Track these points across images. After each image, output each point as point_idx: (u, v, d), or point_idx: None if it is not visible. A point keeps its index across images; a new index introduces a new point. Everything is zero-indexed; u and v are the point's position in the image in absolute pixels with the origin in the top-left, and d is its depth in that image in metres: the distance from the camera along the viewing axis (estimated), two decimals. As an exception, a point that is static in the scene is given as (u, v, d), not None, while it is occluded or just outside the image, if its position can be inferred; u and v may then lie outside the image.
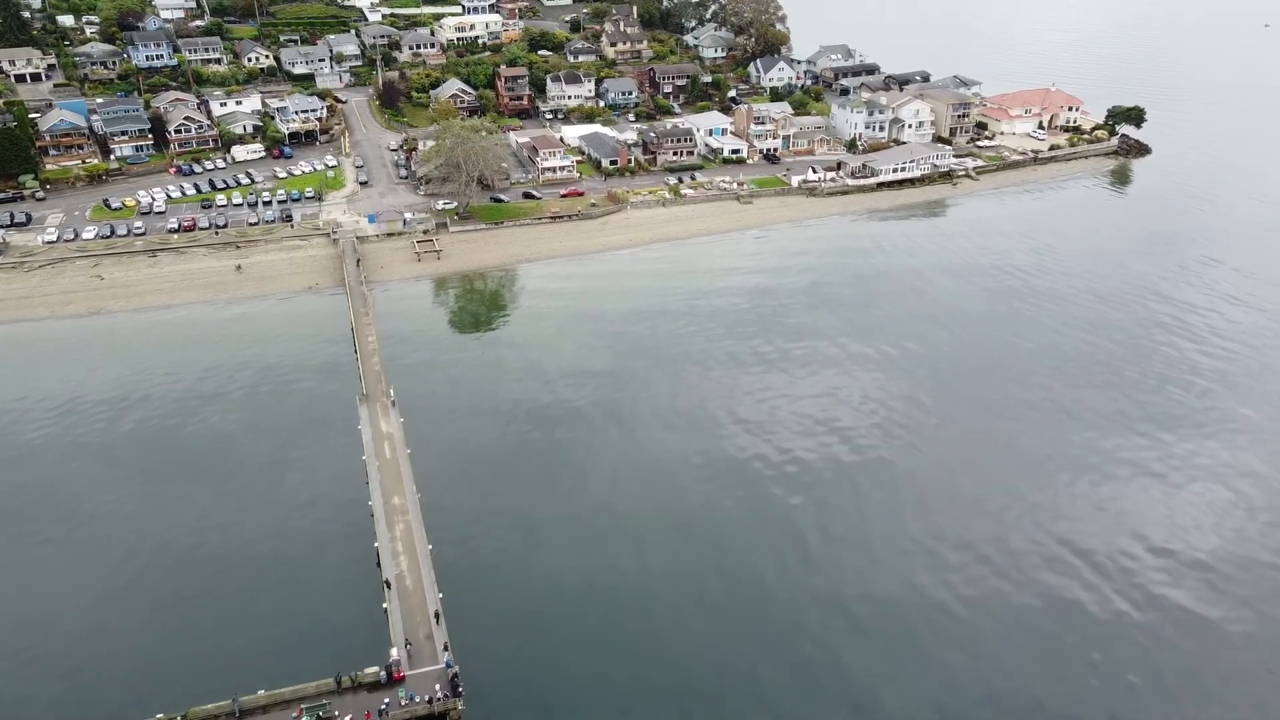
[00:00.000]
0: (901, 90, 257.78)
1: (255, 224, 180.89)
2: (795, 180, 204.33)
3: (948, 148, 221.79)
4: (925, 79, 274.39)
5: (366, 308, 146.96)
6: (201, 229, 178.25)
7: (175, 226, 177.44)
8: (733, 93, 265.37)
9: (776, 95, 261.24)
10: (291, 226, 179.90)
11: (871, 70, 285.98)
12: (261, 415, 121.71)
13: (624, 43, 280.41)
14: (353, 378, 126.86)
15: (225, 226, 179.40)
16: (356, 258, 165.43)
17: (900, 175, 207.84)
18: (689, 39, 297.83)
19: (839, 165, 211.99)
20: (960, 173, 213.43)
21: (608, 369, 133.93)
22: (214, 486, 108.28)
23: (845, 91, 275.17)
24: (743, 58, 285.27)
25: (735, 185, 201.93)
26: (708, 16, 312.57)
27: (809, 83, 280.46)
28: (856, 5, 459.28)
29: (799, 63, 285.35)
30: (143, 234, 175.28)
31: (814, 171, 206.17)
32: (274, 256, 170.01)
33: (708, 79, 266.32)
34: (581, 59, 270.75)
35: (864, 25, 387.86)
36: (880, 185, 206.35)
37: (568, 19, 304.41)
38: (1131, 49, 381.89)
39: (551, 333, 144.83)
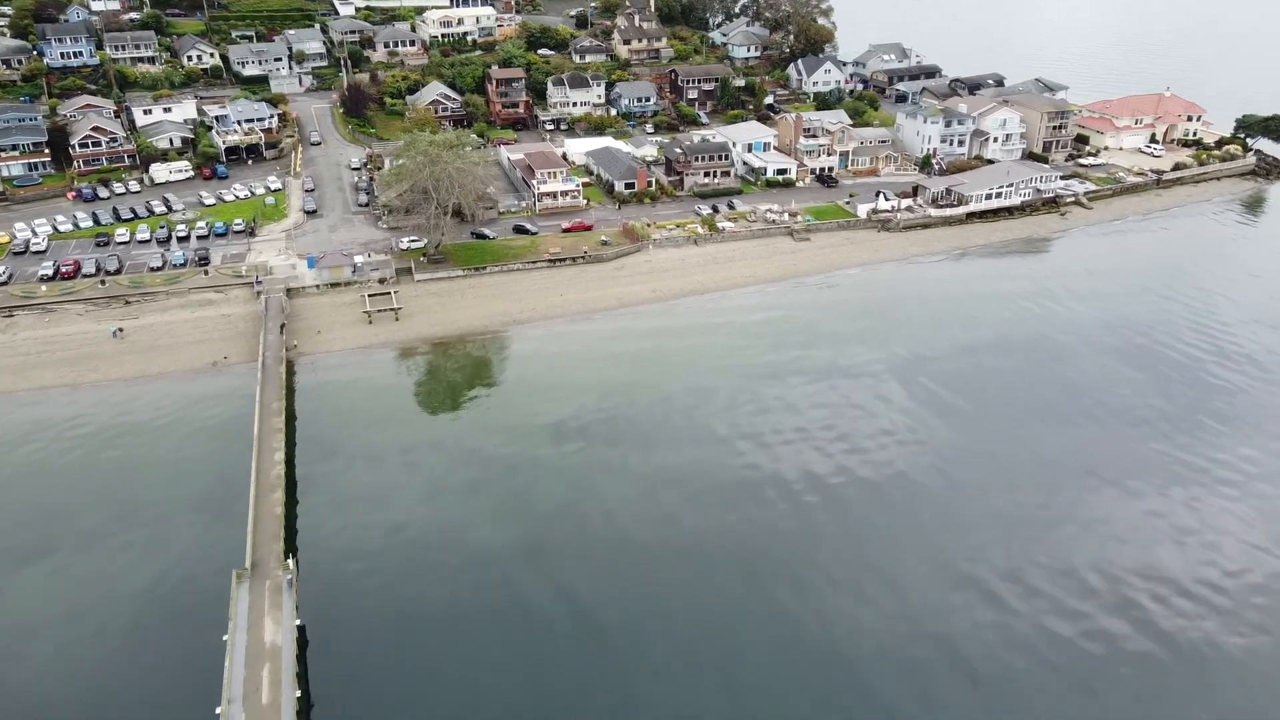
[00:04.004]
0: (972, 96, 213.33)
1: (159, 268, 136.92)
2: (862, 210, 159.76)
3: (1047, 168, 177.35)
4: (999, 83, 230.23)
5: (282, 400, 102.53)
6: (86, 275, 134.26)
7: (50, 272, 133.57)
8: (770, 99, 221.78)
9: (823, 102, 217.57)
10: (205, 273, 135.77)
11: (932, 73, 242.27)
12: (83, 602, 77.17)
13: (639, 40, 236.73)
14: (239, 529, 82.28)
15: (118, 272, 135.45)
16: (282, 320, 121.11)
17: (995, 203, 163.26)
18: (716, 36, 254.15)
19: (915, 190, 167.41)
20: (1069, 199, 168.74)
21: (640, 512, 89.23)
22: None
23: (902, 98, 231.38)
24: (780, 58, 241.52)
25: (786, 216, 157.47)
26: (736, 10, 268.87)
27: (858, 87, 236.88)
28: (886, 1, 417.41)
29: (845, 64, 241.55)
30: (4, 283, 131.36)
31: (885, 199, 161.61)
32: (173, 316, 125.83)
33: (740, 82, 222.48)
34: (589, 59, 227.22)
35: (895, 19, 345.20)
36: (969, 216, 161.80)
37: (573, 13, 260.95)
38: (1228, 47, 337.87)
39: (549, 445, 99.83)
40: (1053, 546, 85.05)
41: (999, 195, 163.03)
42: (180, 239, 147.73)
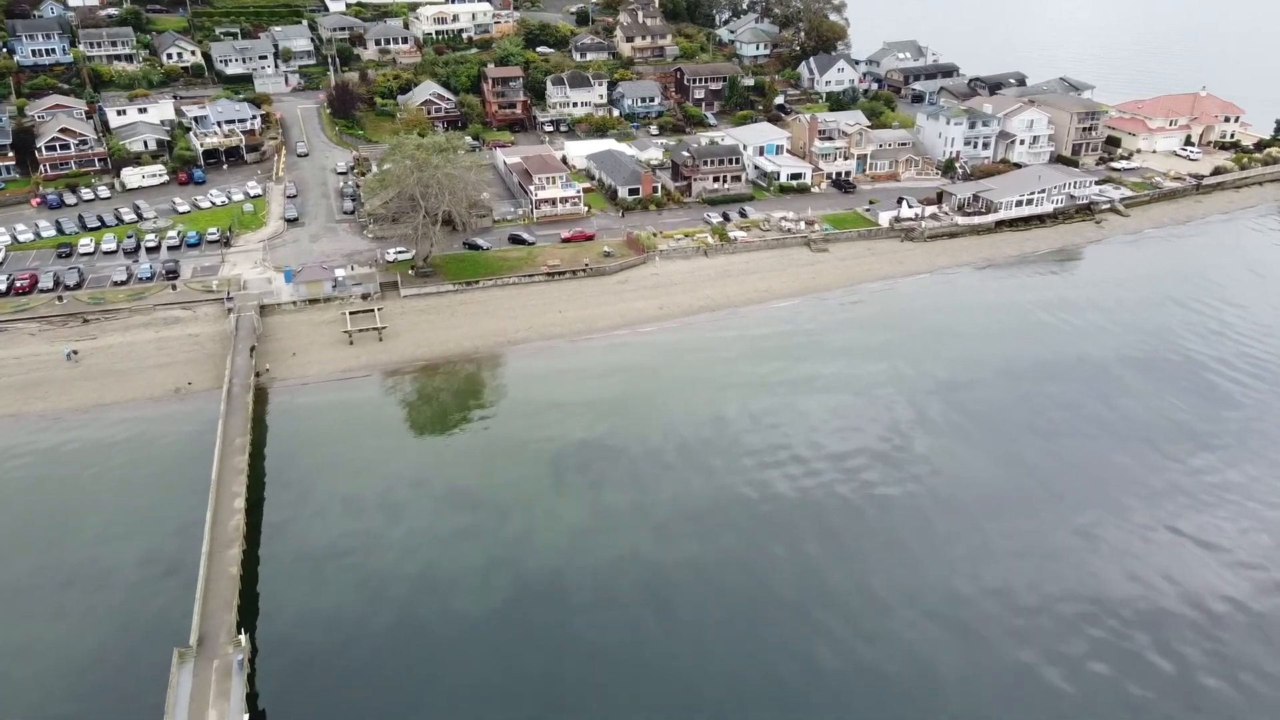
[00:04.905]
0: (993, 96, 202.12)
1: (124, 282, 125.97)
2: (884, 218, 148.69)
3: (1080, 172, 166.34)
4: (1021, 82, 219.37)
5: (246, 435, 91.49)
6: (43, 291, 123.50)
7: (2, 287, 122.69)
8: (780, 99, 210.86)
9: (836, 102, 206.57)
10: (174, 288, 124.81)
11: (949, 72, 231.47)
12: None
13: (643, 37, 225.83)
14: (189, 590, 71.26)
15: (78, 286, 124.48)
16: (252, 341, 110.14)
17: (1027, 211, 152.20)
18: (723, 33, 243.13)
19: (940, 196, 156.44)
20: (1104, 206, 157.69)
21: (644, 569, 78.27)
22: None
23: (919, 98, 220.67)
24: (790, 56, 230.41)
25: (802, 225, 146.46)
26: (744, 6, 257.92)
27: (872, 86, 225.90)
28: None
29: (859, 63, 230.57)
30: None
31: (908, 206, 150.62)
32: (135, 336, 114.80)
33: (749, 82, 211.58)
34: (591, 57, 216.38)
35: (899, 17, 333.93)
36: (999, 224, 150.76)
37: (574, 9, 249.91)
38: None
39: (545, 484, 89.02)
40: (1105, 607, 74.08)
41: (1030, 202, 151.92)
42: (149, 249, 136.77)
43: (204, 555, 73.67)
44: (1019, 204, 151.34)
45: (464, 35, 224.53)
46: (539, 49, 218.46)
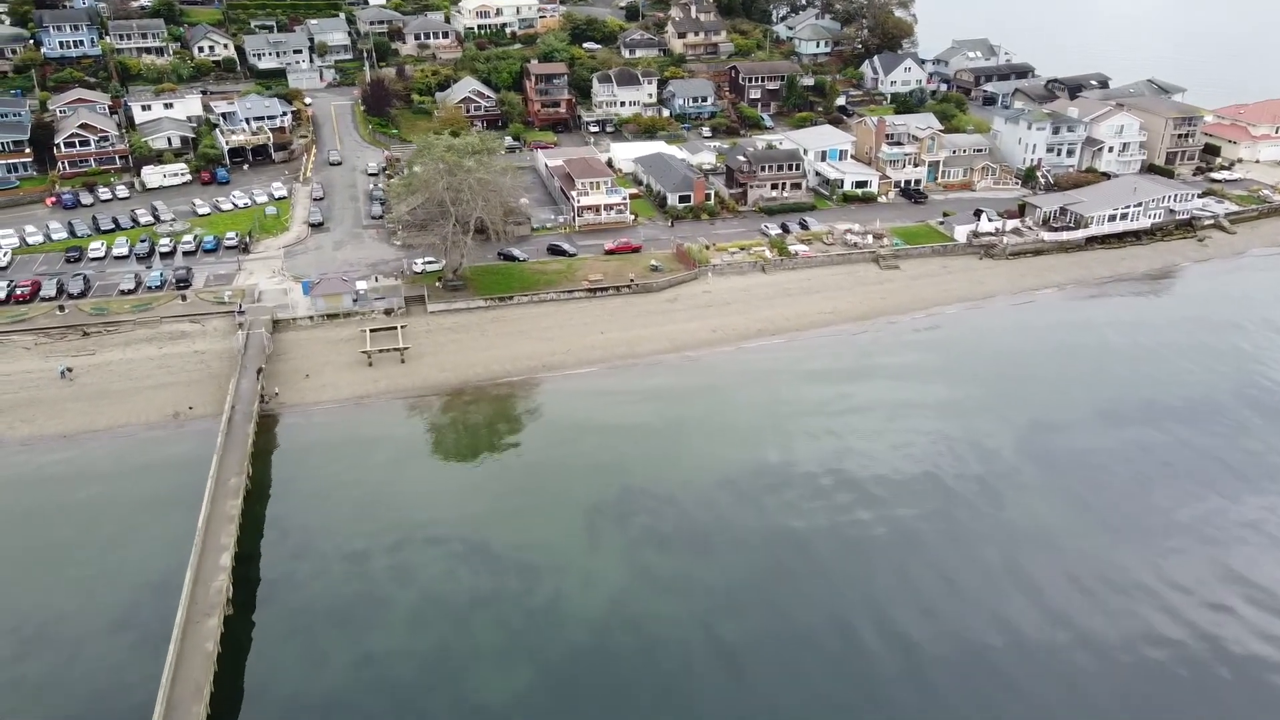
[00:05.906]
0: (1074, 99, 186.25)
1: (131, 291, 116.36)
2: (960, 232, 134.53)
3: (1180, 184, 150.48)
4: (1104, 84, 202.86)
5: (243, 474, 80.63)
6: (45, 299, 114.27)
7: (2, 295, 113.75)
8: (842, 100, 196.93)
9: (903, 104, 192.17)
10: (183, 298, 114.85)
11: (1023, 72, 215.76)
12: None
13: (696, 33, 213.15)
14: (153, 668, 60.25)
15: (83, 294, 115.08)
16: (261, 363, 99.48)
17: (1121, 226, 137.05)
18: (780, 29, 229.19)
19: (1022, 209, 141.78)
20: (1207, 221, 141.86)
21: (693, 650, 66.03)
22: None
23: (991, 100, 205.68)
24: (852, 54, 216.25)
25: (869, 239, 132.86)
26: (803, 2, 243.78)
27: (940, 87, 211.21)
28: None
29: (925, 62, 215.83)
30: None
31: (988, 219, 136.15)
32: (137, 352, 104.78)
33: (808, 81, 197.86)
34: (640, 54, 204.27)
35: (972, 12, 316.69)
36: (1088, 241, 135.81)
37: (623, 4, 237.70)
38: None
39: (579, 543, 77.13)
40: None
41: (1125, 216, 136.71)
42: (164, 255, 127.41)
43: (178, 625, 62.87)
44: (1112, 218, 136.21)
45: (507, 30, 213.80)
46: (585, 45, 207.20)
